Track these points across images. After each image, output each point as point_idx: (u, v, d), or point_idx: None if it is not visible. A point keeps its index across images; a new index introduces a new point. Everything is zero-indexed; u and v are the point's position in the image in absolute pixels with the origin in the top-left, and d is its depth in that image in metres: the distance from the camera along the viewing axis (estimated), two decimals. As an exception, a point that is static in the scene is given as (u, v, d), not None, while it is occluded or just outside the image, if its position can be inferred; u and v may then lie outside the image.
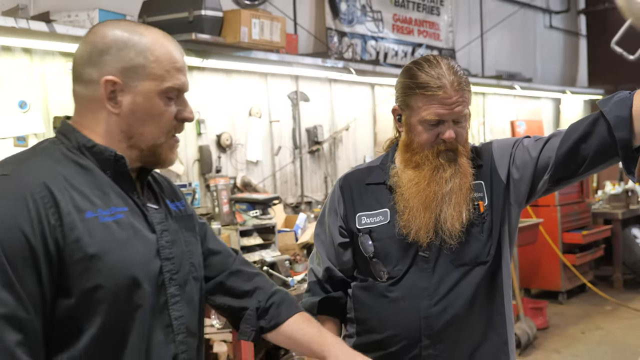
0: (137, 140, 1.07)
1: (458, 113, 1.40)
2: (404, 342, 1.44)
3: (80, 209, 0.99)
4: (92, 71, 1.05)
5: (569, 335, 4.67)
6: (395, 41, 5.22)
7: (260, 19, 3.47)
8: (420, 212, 1.42)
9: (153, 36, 1.07)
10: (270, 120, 4.10)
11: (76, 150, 1.06)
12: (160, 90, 1.06)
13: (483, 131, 6.11)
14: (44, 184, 0.98)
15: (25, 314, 0.94)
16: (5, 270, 0.93)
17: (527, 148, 1.45)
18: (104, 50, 1.04)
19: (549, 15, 7.55)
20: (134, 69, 1.05)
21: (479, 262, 1.45)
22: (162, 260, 1.07)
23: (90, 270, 0.98)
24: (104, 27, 1.07)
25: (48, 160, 1.02)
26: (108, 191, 1.04)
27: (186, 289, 1.11)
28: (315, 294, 1.55)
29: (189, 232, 1.17)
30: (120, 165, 1.07)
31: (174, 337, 1.08)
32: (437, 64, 1.41)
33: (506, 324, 1.49)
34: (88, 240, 0.98)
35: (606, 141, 1.32)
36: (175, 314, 1.08)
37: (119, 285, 1.00)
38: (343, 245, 1.52)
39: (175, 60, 1.07)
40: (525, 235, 4.72)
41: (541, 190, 1.46)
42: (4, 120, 2.90)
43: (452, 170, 1.42)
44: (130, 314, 1.02)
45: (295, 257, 3.32)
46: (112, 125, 1.06)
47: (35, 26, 2.75)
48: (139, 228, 1.06)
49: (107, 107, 1.05)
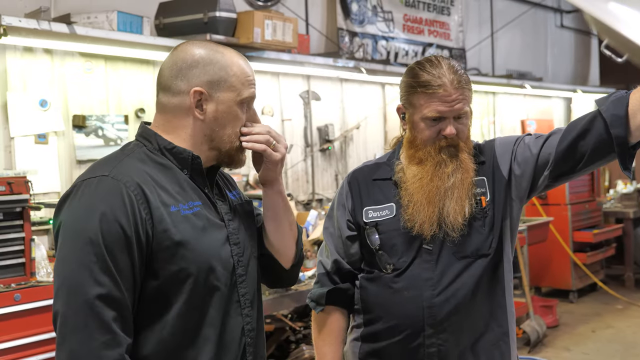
0: (218, 143, 1.23)
1: (458, 110, 1.46)
2: (408, 331, 1.48)
3: (166, 204, 1.15)
4: (181, 83, 1.21)
5: (579, 333, 4.66)
6: (405, 41, 5.25)
7: (273, 20, 3.52)
8: (424, 206, 1.47)
9: (230, 55, 1.25)
10: (282, 119, 4.15)
11: (157, 151, 1.21)
12: (239, 100, 1.23)
13: (493, 130, 6.10)
14: (137, 184, 1.14)
15: (119, 294, 1.10)
16: (104, 258, 1.09)
17: (528, 145, 1.50)
18: (192, 65, 1.21)
19: (560, 14, 7.52)
20: (217, 82, 1.21)
21: (480, 254, 1.49)
22: (231, 245, 1.23)
23: (176, 255, 1.14)
24: (191, 46, 1.24)
25: (136, 161, 1.19)
26: (186, 187, 1.20)
27: (249, 268, 1.27)
28: (323, 285, 1.59)
29: (249, 217, 1.33)
30: (196, 164, 1.22)
31: (241, 311, 1.23)
32: (438, 64, 1.48)
33: (507, 315, 1.53)
34: (173, 230, 1.14)
35: (603, 138, 1.37)
36: (242, 290, 1.24)
37: (199, 268, 1.16)
38: (351, 238, 1.57)
39: (248, 75, 1.25)
40: (535, 234, 4.71)
41: (542, 186, 1.50)
42: (26, 118, 2.99)
43: (454, 165, 1.48)
44: (209, 292, 1.17)
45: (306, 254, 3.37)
46: (197, 129, 1.22)
47: (57, 27, 2.83)
48: (212, 219, 1.21)
49: (194, 114, 1.21)
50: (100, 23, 3.08)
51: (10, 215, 2.45)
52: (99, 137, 3.27)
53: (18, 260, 2.47)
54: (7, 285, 2.40)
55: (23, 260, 2.48)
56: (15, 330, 2.35)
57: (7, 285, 2.41)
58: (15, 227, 2.46)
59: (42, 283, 2.47)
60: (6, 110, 2.95)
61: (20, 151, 2.99)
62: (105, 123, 3.29)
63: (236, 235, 1.25)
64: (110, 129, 3.31)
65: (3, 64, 2.93)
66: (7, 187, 2.43)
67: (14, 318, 2.35)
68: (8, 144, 2.97)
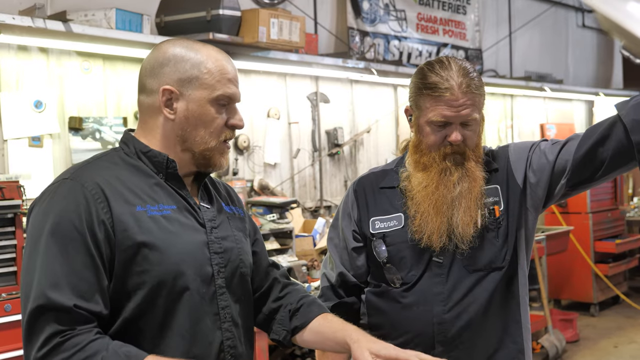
0: (190, 144, 1.20)
1: (465, 116, 1.41)
2: (417, 349, 1.40)
3: (131, 204, 1.13)
4: (152, 82, 1.21)
5: (601, 348, 4.53)
6: (419, 41, 5.13)
7: (279, 18, 3.43)
8: (432, 216, 1.42)
9: (207, 52, 1.22)
10: (289, 122, 4.06)
11: (134, 155, 1.21)
12: (212, 98, 1.19)
13: (511, 135, 5.95)
14: (97, 184, 1.12)
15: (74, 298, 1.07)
16: (61, 259, 1.07)
17: (544, 151, 1.45)
18: (163, 64, 1.20)
19: (581, 13, 7.34)
20: (189, 80, 1.19)
21: (494, 267, 1.44)
22: (211, 253, 1.19)
23: (137, 255, 1.11)
24: (167, 45, 1.23)
25: (106, 164, 1.18)
26: (157, 190, 1.18)
27: (233, 282, 1.23)
28: (328, 299, 1.55)
29: (239, 232, 1.29)
30: (171, 168, 1.20)
31: (221, 325, 1.19)
32: (447, 65, 1.43)
33: (522, 331, 1.48)
34: (135, 230, 1.12)
35: (623, 145, 1.32)
36: (222, 303, 1.20)
37: (166, 270, 1.13)
38: (357, 249, 1.53)
39: (226, 72, 1.21)
40: (555, 244, 4.65)
41: (558, 195, 1.45)
42: (20, 120, 2.91)
43: (459, 173, 1.43)
44: (175, 297, 1.14)
45: (312, 263, 3.25)
46: (168, 130, 1.20)
47: (52, 25, 2.76)
48: (187, 223, 1.19)
49: (164, 114, 1.19)
50: (98, 21, 3.01)
51: (2, 222, 2.40)
52: (96, 140, 3.17)
53: (9, 269, 2.40)
54: (-3, 295, 2.36)
55: (14, 269, 2.42)
56: (5, 342, 2.28)
57: (-3, 295, 2.36)
58: (7, 234, 2.41)
59: (31, 293, 2.40)
60: (-1, 111, 2.86)
61: (13, 154, 2.91)
62: (103, 125, 3.20)
63: (219, 244, 1.21)
64: (108, 131, 3.21)
65: (-4, 63, 2.86)
66: None
67: (4, 329, 2.29)
68: (1, 147, 2.90)
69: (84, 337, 1.04)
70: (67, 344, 1.03)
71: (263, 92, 3.91)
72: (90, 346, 1.03)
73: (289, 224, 3.48)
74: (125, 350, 1.06)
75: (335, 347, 1.25)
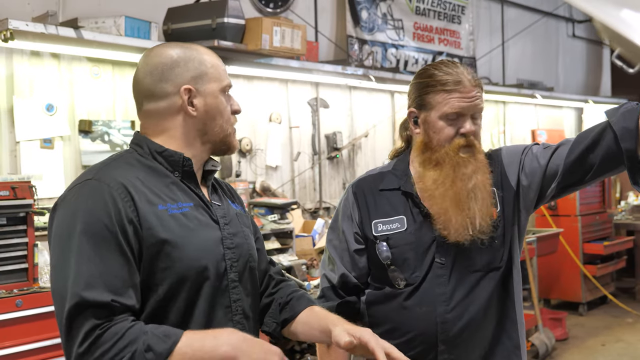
0: (210, 135, 1.25)
1: (477, 106, 1.45)
2: (420, 348, 1.45)
3: (153, 203, 1.16)
4: (166, 85, 1.21)
5: (589, 346, 4.59)
6: (415, 49, 5.21)
7: (282, 26, 3.50)
8: (454, 212, 1.43)
9: (199, 49, 1.26)
10: (290, 126, 4.12)
11: (148, 155, 1.23)
12: (221, 87, 1.25)
13: (503, 140, 6.04)
14: (121, 183, 1.14)
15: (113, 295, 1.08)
16: (94, 257, 1.09)
17: (536, 155, 1.47)
18: (173, 66, 1.21)
19: (572, 24, 7.45)
20: (200, 76, 1.23)
21: (492, 267, 1.46)
22: (224, 249, 1.22)
23: (161, 253, 1.14)
24: (163, 48, 1.24)
25: (124, 165, 1.20)
26: (175, 189, 1.21)
27: (244, 276, 1.26)
28: (329, 299, 1.55)
29: (247, 228, 1.33)
30: (187, 166, 1.23)
31: (232, 317, 1.22)
32: (453, 65, 1.48)
33: (518, 327, 1.51)
34: (159, 228, 1.14)
35: (612, 151, 1.34)
36: (234, 297, 1.23)
37: (188, 266, 1.15)
38: (359, 251, 1.53)
39: (220, 65, 1.27)
40: (545, 245, 4.66)
41: (548, 197, 1.48)
42: (32, 123, 2.97)
43: (473, 166, 1.44)
44: (195, 292, 1.17)
45: (312, 262, 3.33)
46: (189, 127, 1.23)
47: (64, 32, 2.81)
48: (204, 220, 1.21)
49: (186, 112, 1.22)
50: (108, 28, 3.07)
51: (14, 220, 2.43)
52: (105, 142, 3.25)
53: (21, 266, 2.45)
54: (9, 291, 2.39)
55: (26, 266, 2.46)
56: (16, 337, 2.32)
57: (9, 291, 2.39)
58: (19, 232, 2.45)
59: (44, 289, 2.45)
60: (12, 114, 2.93)
61: (25, 156, 2.97)
62: (111, 128, 3.27)
63: (231, 240, 1.24)
64: (117, 134, 3.29)
65: (10, 68, 2.93)
66: (11, 191, 2.41)
67: (15, 324, 2.33)
68: (13, 149, 2.95)
69: (122, 325, 1.05)
70: (106, 335, 1.04)
71: (265, 97, 3.98)
72: (130, 332, 1.05)
73: (289, 224, 3.52)
74: (162, 330, 1.08)
75: (321, 335, 1.27)
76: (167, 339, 1.06)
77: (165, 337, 1.06)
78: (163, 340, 1.05)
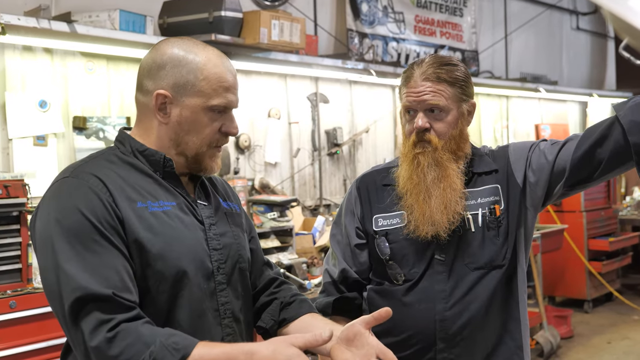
0: (183, 148, 1.19)
1: (426, 101, 1.42)
2: (419, 346, 1.45)
3: (132, 199, 1.13)
4: (149, 83, 1.18)
5: (594, 344, 4.56)
6: (417, 43, 5.17)
7: (280, 20, 3.46)
8: (415, 206, 1.44)
9: (207, 56, 1.19)
10: (289, 122, 4.08)
11: (130, 153, 1.20)
12: (206, 107, 1.17)
13: (507, 135, 6.00)
14: (98, 178, 1.12)
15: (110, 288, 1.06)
16: (69, 247, 1.07)
17: (543, 152, 1.46)
18: (161, 66, 1.17)
19: (576, 16, 7.40)
20: (184, 86, 1.17)
21: (494, 265, 1.45)
22: (211, 250, 1.19)
23: (141, 251, 1.11)
24: (166, 44, 1.20)
25: (103, 161, 1.17)
26: (157, 187, 1.18)
27: (232, 278, 1.23)
28: (330, 294, 1.55)
29: (237, 228, 1.29)
30: (168, 166, 1.20)
31: (221, 321, 1.19)
32: (421, 60, 1.47)
33: (521, 328, 1.49)
34: (138, 225, 1.11)
35: (621, 145, 1.33)
36: (222, 299, 1.20)
37: (167, 266, 1.12)
38: (359, 246, 1.53)
39: (224, 80, 1.19)
40: (549, 242, 4.64)
41: (557, 194, 1.46)
42: (24, 119, 2.93)
43: (427, 161, 1.43)
44: (176, 293, 1.13)
45: (312, 260, 3.28)
46: (162, 132, 1.19)
47: (57, 26, 2.78)
48: (187, 220, 1.18)
49: (157, 117, 1.18)
50: (102, 22, 3.03)
51: (7, 220, 2.40)
52: (100, 139, 3.20)
53: (14, 266, 2.42)
54: (2, 292, 2.36)
55: (19, 266, 2.43)
56: (10, 339, 2.29)
57: (2, 291, 2.36)
58: (12, 232, 2.42)
59: (38, 290, 2.42)
60: (4, 111, 2.89)
61: (18, 153, 2.93)
62: (106, 125, 3.23)
63: (217, 240, 1.21)
64: (112, 131, 3.24)
65: (2, 63, 2.88)
66: (3, 190, 2.41)
67: (9, 326, 2.30)
68: (6, 146, 2.91)
69: (132, 325, 1.02)
70: (119, 335, 1.01)
71: (264, 92, 3.94)
72: (139, 336, 1.02)
73: (289, 222, 3.50)
74: (173, 340, 1.03)
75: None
76: (176, 353, 1.01)
77: (174, 350, 1.02)
78: (171, 353, 1.01)
